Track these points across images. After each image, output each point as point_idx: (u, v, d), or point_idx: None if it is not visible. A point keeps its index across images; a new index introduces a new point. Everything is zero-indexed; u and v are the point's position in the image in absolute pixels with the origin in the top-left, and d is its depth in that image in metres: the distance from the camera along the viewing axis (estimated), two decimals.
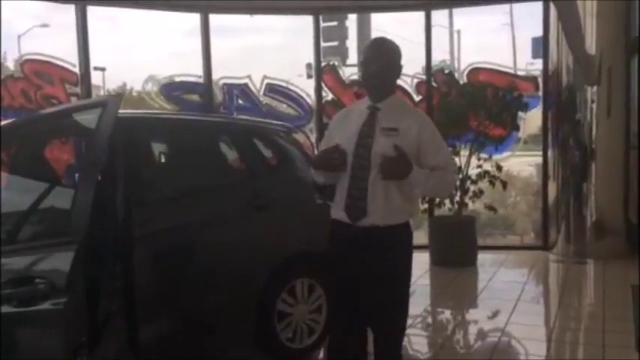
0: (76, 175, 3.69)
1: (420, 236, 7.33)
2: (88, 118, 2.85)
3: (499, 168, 6.33)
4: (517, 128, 6.49)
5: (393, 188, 2.50)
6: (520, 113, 6.36)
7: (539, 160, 7.00)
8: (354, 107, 2.80)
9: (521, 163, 7.48)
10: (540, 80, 6.82)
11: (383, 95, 2.59)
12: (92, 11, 6.17)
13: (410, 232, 2.63)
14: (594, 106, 6.32)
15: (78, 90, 6.11)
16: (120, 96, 2.80)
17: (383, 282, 2.54)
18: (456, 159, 6.33)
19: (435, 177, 2.53)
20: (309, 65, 7.40)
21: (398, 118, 2.57)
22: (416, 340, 4.27)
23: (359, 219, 2.51)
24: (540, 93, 6.80)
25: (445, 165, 2.59)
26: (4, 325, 2.28)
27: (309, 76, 7.36)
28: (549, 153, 6.74)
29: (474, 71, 6.89)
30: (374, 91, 2.60)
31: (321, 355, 3.87)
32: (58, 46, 6.64)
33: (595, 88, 6.31)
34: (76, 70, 6.11)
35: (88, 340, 2.34)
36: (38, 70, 6.01)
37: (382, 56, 2.56)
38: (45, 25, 10.49)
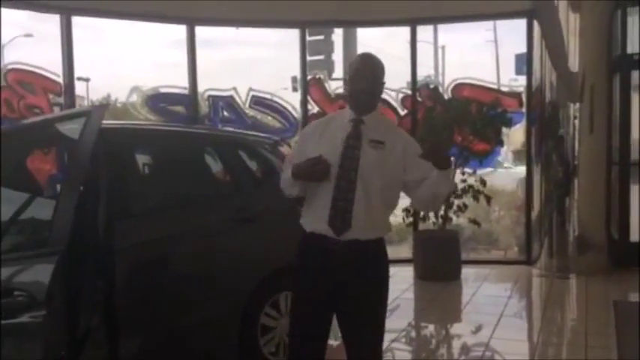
0: (58, 185, 3.65)
1: (404, 250, 7.35)
2: (71, 128, 2.82)
3: (483, 182, 6.36)
4: (501, 143, 6.54)
5: (377, 201, 2.51)
6: (504, 129, 6.41)
7: (523, 175, 7.06)
8: (330, 120, 2.79)
9: (505, 178, 7.53)
10: (524, 96, 6.89)
11: (368, 109, 2.61)
12: (77, 21, 6.14)
13: (385, 247, 2.64)
14: (577, 122, 6.40)
15: (61, 100, 6.05)
16: (105, 106, 2.77)
17: (361, 297, 2.54)
18: None
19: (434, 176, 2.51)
20: (294, 78, 7.41)
21: (383, 132, 2.60)
22: (400, 354, 4.26)
23: (343, 232, 2.49)
24: (524, 109, 6.87)
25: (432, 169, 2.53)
26: None
27: (295, 89, 7.38)
28: (533, 168, 6.80)
29: (459, 86, 6.95)
30: (361, 106, 2.61)
31: None
32: (41, 56, 6.57)
33: (578, 104, 6.39)
34: (60, 80, 6.06)
35: (67, 354, 2.29)
36: (22, 79, 5.94)
37: (371, 72, 2.59)
38: (29, 35, 10.42)
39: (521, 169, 7.22)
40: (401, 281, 6.25)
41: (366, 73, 2.58)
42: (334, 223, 2.50)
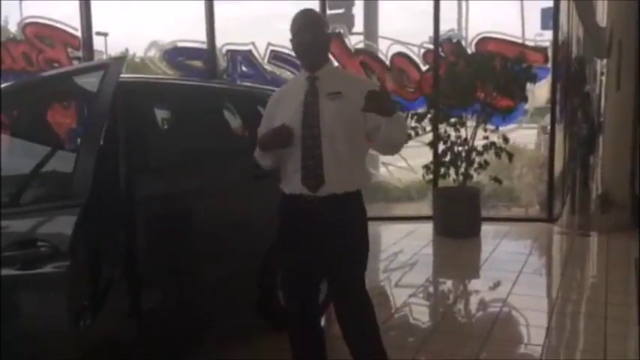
0: (78, 139, 3.66)
1: (424, 207, 7.34)
2: (89, 82, 2.80)
3: (506, 140, 6.27)
4: (525, 100, 6.42)
5: (345, 151, 2.53)
6: (528, 85, 6.27)
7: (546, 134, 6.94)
8: (288, 85, 2.84)
9: (528, 136, 7.42)
10: (550, 51, 6.71)
11: (319, 64, 2.63)
12: None
13: (362, 198, 2.69)
14: (603, 78, 6.24)
15: (80, 54, 6.04)
16: (123, 58, 2.74)
17: (345, 247, 2.60)
18: (462, 130, 6.29)
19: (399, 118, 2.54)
20: None
21: (338, 83, 2.61)
22: (417, 309, 4.29)
23: (317, 188, 2.53)
24: (549, 64, 6.70)
25: None
26: (7, 287, 2.27)
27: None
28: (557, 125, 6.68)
29: (483, 41, 6.79)
30: (309, 62, 2.64)
31: (323, 322, 3.88)
32: (60, 10, 6.53)
33: (605, 60, 6.23)
34: (78, 34, 6.03)
35: (89, 305, 2.33)
36: (40, 33, 5.94)
37: (313, 24, 2.59)
38: None
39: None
40: (420, 237, 6.27)
41: (306, 27, 2.58)
42: (308, 182, 2.54)
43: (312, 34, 2.57)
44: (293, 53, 2.73)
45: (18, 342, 2.28)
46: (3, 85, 3.21)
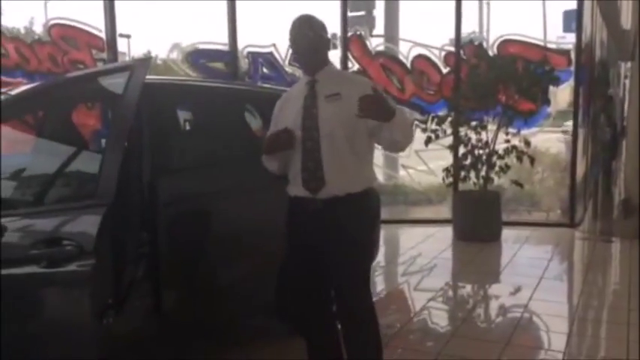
0: (102, 140, 3.71)
1: (444, 210, 7.30)
2: (113, 83, 2.83)
3: (527, 143, 6.22)
4: (548, 103, 6.37)
5: (346, 152, 2.55)
6: (551, 88, 6.22)
7: (569, 136, 6.88)
8: (291, 90, 2.86)
9: (550, 139, 7.36)
10: (573, 54, 6.65)
11: (318, 67, 2.67)
12: None
13: (369, 200, 2.68)
14: (627, 82, 6.16)
15: (104, 56, 6.11)
16: (148, 60, 2.76)
17: (345, 250, 2.60)
18: (483, 133, 6.25)
19: (401, 116, 2.54)
20: (334, 35, 7.30)
21: (338, 84, 2.64)
22: (436, 313, 4.27)
23: (318, 190, 2.56)
24: (572, 67, 6.64)
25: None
26: (32, 285, 2.31)
27: (335, 46, 7.27)
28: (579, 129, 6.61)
29: (505, 43, 6.75)
30: (308, 65, 2.69)
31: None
32: (84, 11, 6.62)
33: (629, 63, 6.14)
34: (103, 35, 6.11)
35: (113, 304, 2.36)
36: (65, 34, 6.02)
37: (309, 29, 2.63)
38: None
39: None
40: (439, 241, 6.24)
41: (305, 31, 2.62)
42: (309, 185, 2.58)
43: (309, 40, 2.62)
44: None
45: (43, 339, 2.32)
46: (29, 86, 3.27)
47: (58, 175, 3.05)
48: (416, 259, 5.65)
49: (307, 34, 2.62)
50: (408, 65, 7.04)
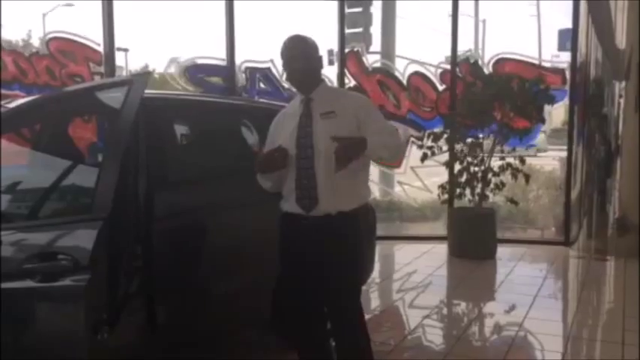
0: (98, 153, 3.70)
1: (439, 227, 7.30)
2: (111, 97, 2.83)
3: (522, 161, 6.25)
4: (543, 121, 6.40)
5: (341, 172, 2.53)
6: (546, 106, 6.26)
7: (563, 154, 6.91)
8: (287, 108, 2.89)
9: (545, 157, 7.39)
10: (568, 73, 6.70)
11: (312, 86, 2.69)
12: None
13: (362, 217, 2.71)
14: (622, 101, 6.22)
15: (102, 69, 6.12)
16: (147, 74, 2.77)
17: (335, 268, 2.63)
18: (478, 150, 6.27)
19: (383, 136, 2.61)
20: (331, 51, 7.35)
21: (332, 101, 2.66)
22: (431, 331, 4.26)
23: (312, 208, 2.58)
24: (567, 86, 6.69)
25: (383, 128, 2.67)
26: (27, 299, 2.29)
27: (331, 62, 7.32)
28: (574, 148, 6.65)
29: (500, 61, 6.81)
30: (302, 85, 2.71)
31: None
32: (82, 25, 6.64)
33: (623, 82, 6.19)
34: (101, 49, 6.12)
35: (108, 318, 2.34)
36: (63, 48, 6.03)
37: (302, 50, 2.66)
38: (69, 4, 10.54)
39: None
40: (435, 258, 6.24)
41: (296, 52, 2.65)
42: (302, 202, 2.60)
43: (302, 62, 2.65)
44: None
45: (37, 354, 2.30)
46: (27, 99, 3.26)
47: (54, 188, 3.03)
48: (411, 276, 5.65)
49: (300, 57, 2.65)
50: (404, 82, 7.08)
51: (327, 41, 7.25)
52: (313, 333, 2.80)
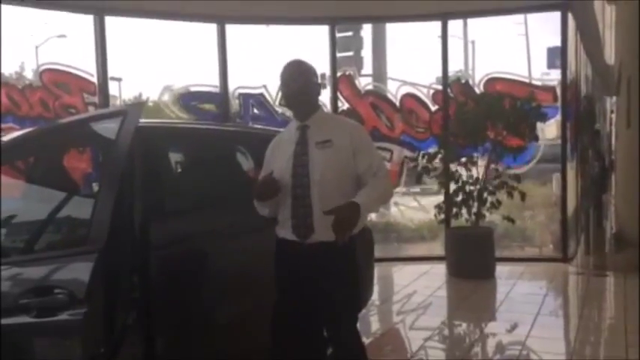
0: (93, 184, 3.69)
1: (437, 247, 7.28)
2: (105, 127, 2.83)
3: (517, 179, 6.26)
4: (536, 139, 6.42)
5: (336, 199, 2.53)
6: (538, 124, 6.30)
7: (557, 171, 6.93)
8: (283, 134, 2.89)
9: (539, 174, 7.41)
10: (558, 90, 6.76)
11: (309, 113, 2.70)
12: (108, 21, 6.19)
13: (357, 244, 2.69)
14: (614, 116, 6.26)
15: (96, 99, 6.13)
16: (142, 104, 2.77)
17: (331, 294, 2.63)
18: (474, 169, 6.29)
19: (374, 190, 2.59)
20: (323, 75, 7.40)
21: (329, 130, 2.67)
22: (433, 352, 4.22)
23: (307, 236, 2.59)
24: (558, 103, 6.74)
25: (377, 169, 2.66)
26: (23, 335, 2.26)
27: (324, 86, 7.36)
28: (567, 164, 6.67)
29: (491, 81, 6.86)
30: (299, 110, 2.72)
31: None
32: (74, 56, 6.66)
33: (614, 98, 6.25)
34: (94, 79, 6.14)
35: (106, 352, 2.31)
36: (57, 79, 6.05)
37: (299, 75, 2.67)
38: (62, 36, 10.59)
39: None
40: (433, 279, 6.20)
41: (295, 77, 2.66)
42: (298, 231, 2.61)
43: (300, 85, 2.66)
44: None
45: None
46: (23, 132, 3.26)
47: (50, 221, 3.01)
48: (411, 297, 5.61)
49: (298, 80, 2.66)
50: (397, 103, 7.12)
51: (319, 65, 7.26)
52: (312, 356, 2.76)
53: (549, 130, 7.19)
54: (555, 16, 6.68)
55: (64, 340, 2.25)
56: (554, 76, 7.08)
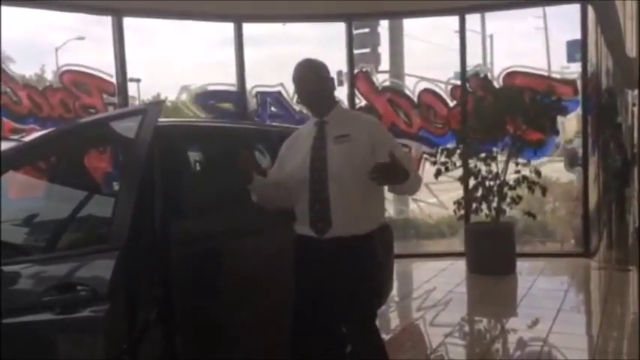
0: (114, 183, 3.73)
1: (456, 243, 7.24)
2: (125, 127, 2.86)
3: (538, 173, 6.19)
4: (557, 133, 6.35)
5: (354, 194, 2.54)
6: (558, 118, 6.22)
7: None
8: (301, 130, 2.89)
9: (560, 169, 7.33)
10: (579, 83, 6.67)
11: (326, 109, 2.70)
12: (126, 22, 6.24)
13: (376, 240, 2.68)
14: (635, 109, 6.16)
15: (115, 100, 6.19)
16: (161, 103, 2.79)
17: (349, 291, 2.61)
18: (493, 164, 6.24)
19: (411, 173, 2.55)
20: (340, 72, 7.39)
21: (347, 125, 2.66)
22: (453, 349, 4.20)
23: (325, 232, 2.57)
24: (579, 97, 6.65)
25: (404, 161, 2.60)
26: (46, 332, 2.29)
27: (341, 83, 7.35)
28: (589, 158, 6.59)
29: (510, 75, 6.78)
30: (315, 106, 2.72)
31: None
32: (93, 58, 6.74)
33: (636, 91, 6.15)
34: (113, 80, 6.20)
35: (128, 348, 2.34)
36: (77, 80, 6.12)
37: (313, 73, 2.68)
38: (81, 38, 10.73)
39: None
40: (453, 275, 6.17)
41: (309, 75, 2.67)
42: (315, 226, 2.60)
43: (314, 84, 2.66)
44: None
45: None
46: (44, 132, 3.30)
47: (71, 219, 3.05)
48: (430, 294, 5.59)
49: (312, 79, 2.66)
50: (415, 99, 7.09)
51: (336, 63, 7.30)
52: (332, 356, 2.76)
53: (570, 123, 7.10)
54: (575, 9, 6.59)
55: (87, 336, 2.28)
56: (574, 70, 7.00)
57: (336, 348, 2.80)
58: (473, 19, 10.46)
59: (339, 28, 7.10)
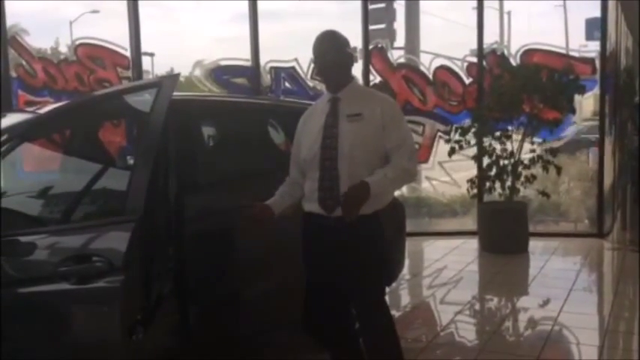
0: (128, 157, 3.75)
1: (469, 222, 7.23)
2: (139, 100, 2.86)
3: (553, 153, 6.14)
4: (573, 112, 6.27)
5: (364, 174, 2.51)
6: (576, 97, 6.14)
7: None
8: (314, 106, 2.87)
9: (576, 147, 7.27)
10: (597, 62, 6.56)
11: (341, 84, 2.67)
12: None
13: (378, 220, 2.65)
14: None
15: (129, 74, 6.19)
16: (176, 76, 2.77)
17: (357, 268, 2.61)
18: (508, 143, 6.19)
19: (393, 171, 2.55)
20: (354, 48, 7.30)
21: (360, 103, 2.63)
22: (464, 327, 4.21)
23: (334, 209, 2.56)
24: (597, 76, 6.55)
25: (403, 148, 2.60)
26: (62, 302, 2.33)
27: (356, 60, 7.28)
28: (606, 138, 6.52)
29: (528, 52, 6.69)
30: (332, 82, 2.69)
31: None
32: (107, 31, 6.72)
33: None
34: (128, 54, 6.19)
35: (142, 319, 2.37)
36: (91, 54, 6.12)
37: (331, 45, 2.65)
38: (95, 12, 10.70)
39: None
40: (465, 253, 6.17)
41: (328, 48, 2.64)
42: (324, 203, 2.59)
43: (333, 56, 2.63)
44: None
45: (73, 355, 2.33)
46: (58, 104, 3.31)
47: (87, 192, 3.08)
48: (442, 272, 5.60)
49: (331, 50, 2.64)
50: (430, 76, 7.02)
51: (351, 38, 7.20)
52: (341, 332, 2.78)
53: (587, 102, 7.02)
54: None
55: (102, 306, 2.31)
56: (592, 48, 6.88)
57: (344, 325, 2.81)
58: None
59: (355, 3, 7.02)
